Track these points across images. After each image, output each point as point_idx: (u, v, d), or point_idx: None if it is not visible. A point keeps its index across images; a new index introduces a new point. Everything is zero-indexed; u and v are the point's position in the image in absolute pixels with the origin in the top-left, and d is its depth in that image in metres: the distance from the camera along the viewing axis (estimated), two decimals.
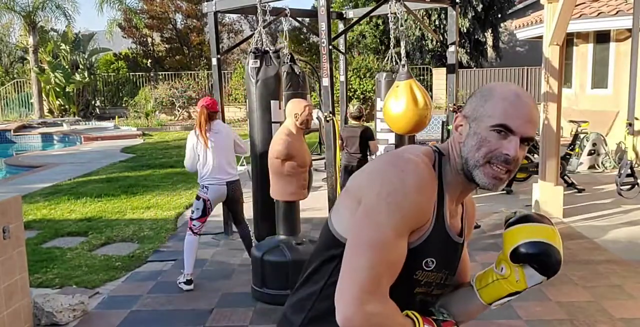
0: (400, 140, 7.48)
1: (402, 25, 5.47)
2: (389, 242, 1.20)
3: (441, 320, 1.35)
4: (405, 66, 5.38)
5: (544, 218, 1.34)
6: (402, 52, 5.50)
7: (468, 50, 18.73)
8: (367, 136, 5.96)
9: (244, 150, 4.86)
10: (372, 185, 1.25)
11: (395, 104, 5.27)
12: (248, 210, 4.85)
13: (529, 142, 1.29)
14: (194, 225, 4.53)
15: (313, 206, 5.88)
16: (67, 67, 19.69)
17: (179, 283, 4.46)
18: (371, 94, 16.25)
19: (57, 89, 19.47)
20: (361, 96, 16.98)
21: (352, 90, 16.67)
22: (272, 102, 5.03)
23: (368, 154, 6.06)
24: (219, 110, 4.79)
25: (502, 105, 1.27)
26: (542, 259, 1.28)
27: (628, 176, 6.61)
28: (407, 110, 5.19)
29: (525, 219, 1.33)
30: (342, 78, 7.59)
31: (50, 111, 20.10)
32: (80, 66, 20.20)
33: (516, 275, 1.32)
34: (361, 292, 1.17)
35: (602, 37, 10.30)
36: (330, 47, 4.87)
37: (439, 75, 17.31)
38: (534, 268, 1.29)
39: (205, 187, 4.54)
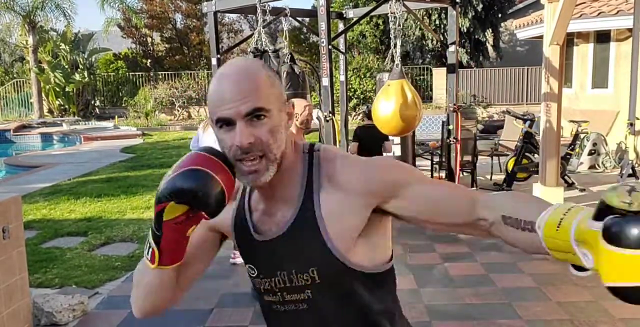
0: (404, 141, 7.48)
1: (399, 25, 5.44)
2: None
3: None
4: (399, 66, 5.34)
5: None
6: (397, 51, 5.46)
7: (468, 50, 18.72)
8: (384, 136, 5.71)
9: None
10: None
11: (386, 104, 5.22)
12: None
13: (257, 112, 1.10)
14: None
15: None
16: (66, 67, 19.68)
17: None
18: (371, 94, 16.25)
19: (57, 89, 19.47)
20: (361, 96, 16.98)
21: (352, 90, 16.66)
22: None
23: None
24: None
25: (210, 96, 1.14)
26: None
27: (630, 175, 6.63)
28: (397, 111, 5.13)
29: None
30: (342, 78, 7.58)
31: (50, 111, 20.09)
32: (80, 66, 20.19)
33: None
34: None
35: (602, 37, 10.30)
36: (330, 46, 4.87)
37: (439, 75, 17.30)
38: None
39: None
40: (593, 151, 8.80)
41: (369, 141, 5.79)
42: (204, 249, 1.31)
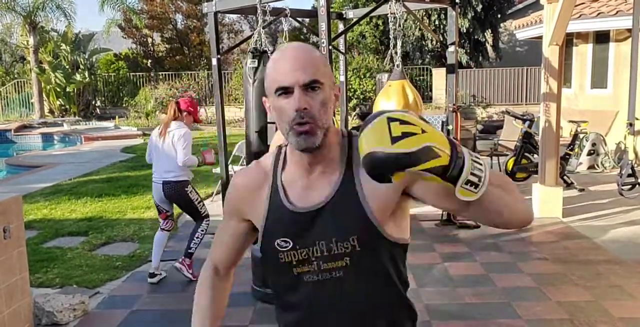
0: None
1: (398, 25, 5.46)
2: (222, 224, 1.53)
3: None
4: (400, 66, 5.35)
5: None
6: (398, 52, 5.47)
7: (468, 51, 18.73)
8: None
9: (179, 159, 4.42)
10: None
11: (386, 104, 5.23)
12: None
13: (314, 84, 1.22)
14: (159, 221, 4.72)
15: None
16: (67, 67, 19.69)
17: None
18: (371, 94, 16.26)
19: (58, 89, 19.47)
20: (361, 96, 16.99)
21: (352, 90, 16.67)
22: None
23: None
24: (187, 111, 4.60)
25: (271, 70, 1.27)
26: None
27: (629, 175, 6.63)
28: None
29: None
30: (342, 78, 7.59)
31: (51, 111, 20.10)
32: (81, 66, 20.19)
33: None
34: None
35: (601, 37, 10.31)
36: (330, 47, 4.87)
37: (438, 75, 17.31)
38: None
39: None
40: (592, 151, 8.81)
41: None
42: (240, 239, 1.51)
